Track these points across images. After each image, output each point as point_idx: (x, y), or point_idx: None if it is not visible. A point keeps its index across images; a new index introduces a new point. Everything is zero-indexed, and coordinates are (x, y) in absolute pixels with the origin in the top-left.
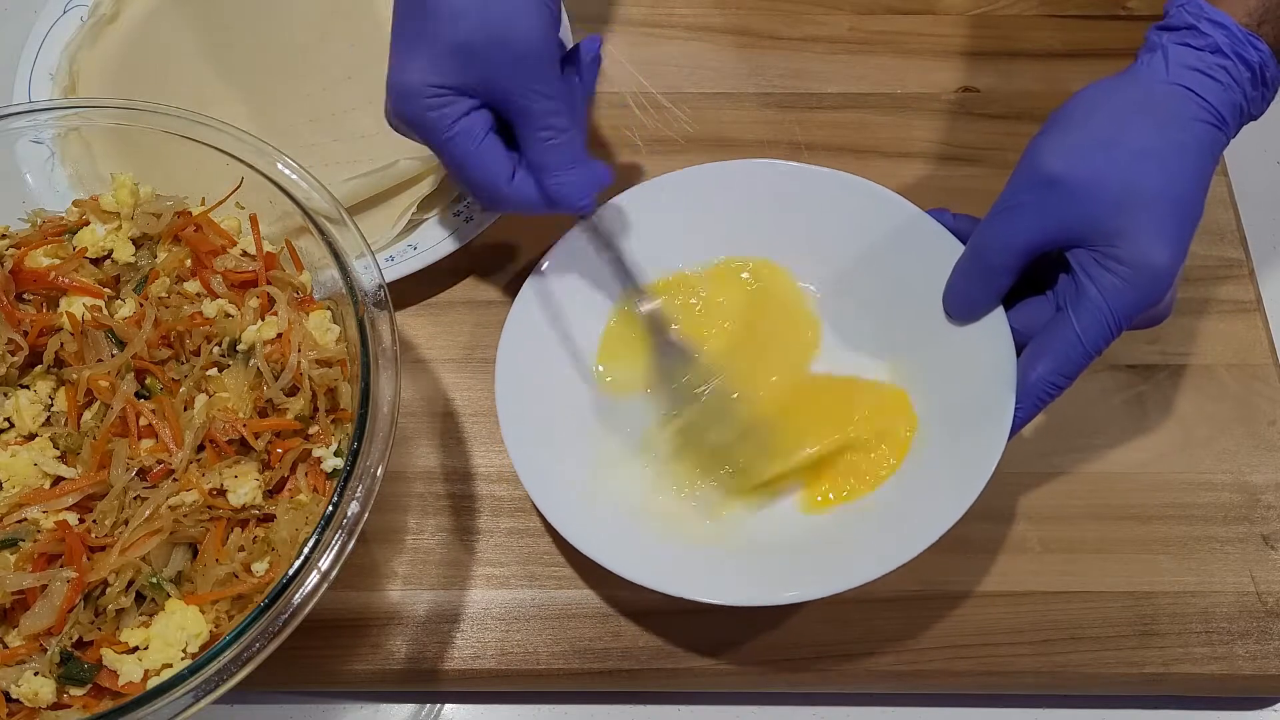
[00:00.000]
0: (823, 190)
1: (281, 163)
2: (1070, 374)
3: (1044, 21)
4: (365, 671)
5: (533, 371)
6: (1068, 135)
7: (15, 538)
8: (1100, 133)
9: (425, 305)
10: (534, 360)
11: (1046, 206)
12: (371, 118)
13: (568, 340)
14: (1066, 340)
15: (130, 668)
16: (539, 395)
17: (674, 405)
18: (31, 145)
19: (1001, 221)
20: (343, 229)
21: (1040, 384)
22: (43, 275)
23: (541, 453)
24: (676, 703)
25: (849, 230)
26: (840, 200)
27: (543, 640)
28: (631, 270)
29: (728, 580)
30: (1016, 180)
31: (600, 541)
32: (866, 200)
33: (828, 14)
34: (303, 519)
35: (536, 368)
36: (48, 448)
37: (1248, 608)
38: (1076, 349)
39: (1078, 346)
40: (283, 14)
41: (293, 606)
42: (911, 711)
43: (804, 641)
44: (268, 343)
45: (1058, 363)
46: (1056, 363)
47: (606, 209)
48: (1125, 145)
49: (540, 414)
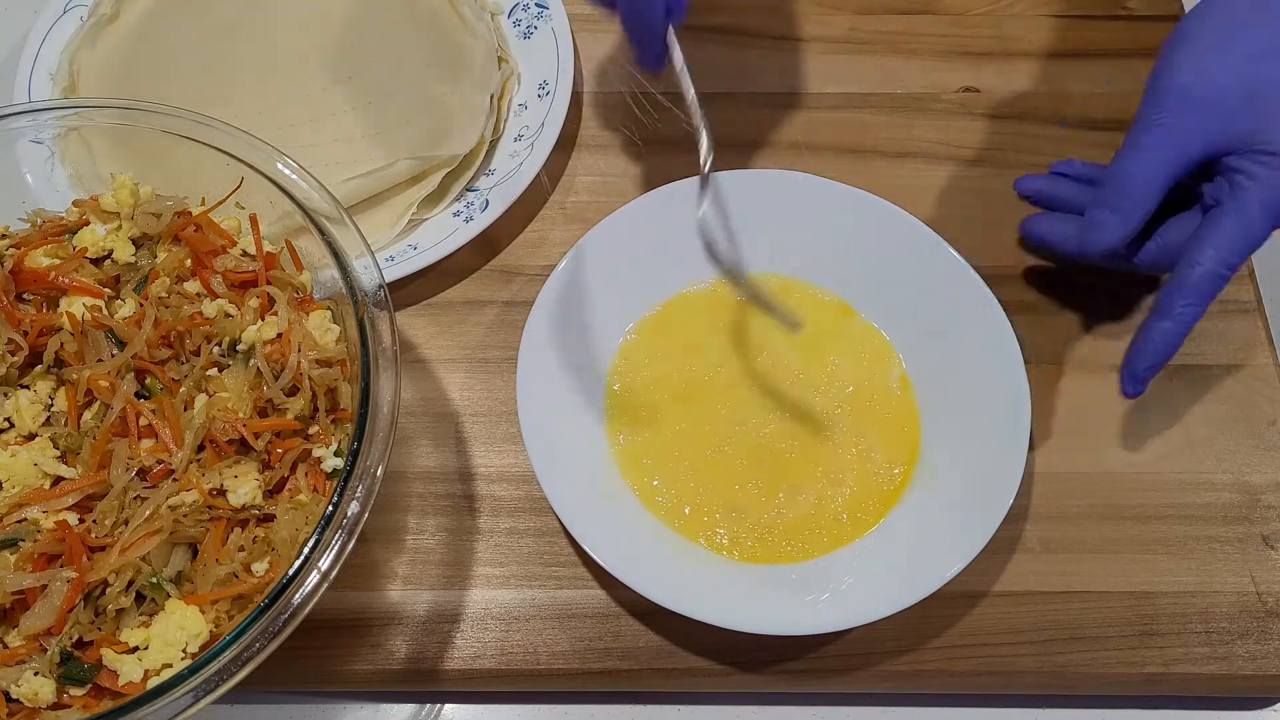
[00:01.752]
0: (832, 204)
1: (281, 163)
2: (1234, 263)
3: (1044, 21)
4: (365, 671)
5: (552, 379)
6: (1194, 46)
7: (15, 538)
8: (1226, 39)
9: (425, 305)
10: (553, 366)
11: (1186, 121)
12: (372, 118)
13: (585, 347)
14: (1230, 229)
15: (130, 668)
16: (559, 406)
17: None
18: (31, 145)
19: (1144, 145)
20: (343, 229)
21: (1207, 277)
22: (43, 275)
23: (562, 466)
24: (676, 703)
25: (861, 245)
26: (846, 213)
27: (543, 640)
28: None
29: (741, 605)
30: (1150, 102)
31: (616, 551)
32: (877, 216)
33: (828, 14)
34: (303, 519)
35: (556, 374)
36: (48, 448)
37: (1248, 608)
38: (1240, 237)
39: (1242, 234)
40: (283, 14)
41: (293, 606)
42: (912, 711)
43: (803, 642)
44: (268, 343)
45: (1223, 252)
46: (1222, 252)
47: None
48: (1250, 47)
49: (559, 428)
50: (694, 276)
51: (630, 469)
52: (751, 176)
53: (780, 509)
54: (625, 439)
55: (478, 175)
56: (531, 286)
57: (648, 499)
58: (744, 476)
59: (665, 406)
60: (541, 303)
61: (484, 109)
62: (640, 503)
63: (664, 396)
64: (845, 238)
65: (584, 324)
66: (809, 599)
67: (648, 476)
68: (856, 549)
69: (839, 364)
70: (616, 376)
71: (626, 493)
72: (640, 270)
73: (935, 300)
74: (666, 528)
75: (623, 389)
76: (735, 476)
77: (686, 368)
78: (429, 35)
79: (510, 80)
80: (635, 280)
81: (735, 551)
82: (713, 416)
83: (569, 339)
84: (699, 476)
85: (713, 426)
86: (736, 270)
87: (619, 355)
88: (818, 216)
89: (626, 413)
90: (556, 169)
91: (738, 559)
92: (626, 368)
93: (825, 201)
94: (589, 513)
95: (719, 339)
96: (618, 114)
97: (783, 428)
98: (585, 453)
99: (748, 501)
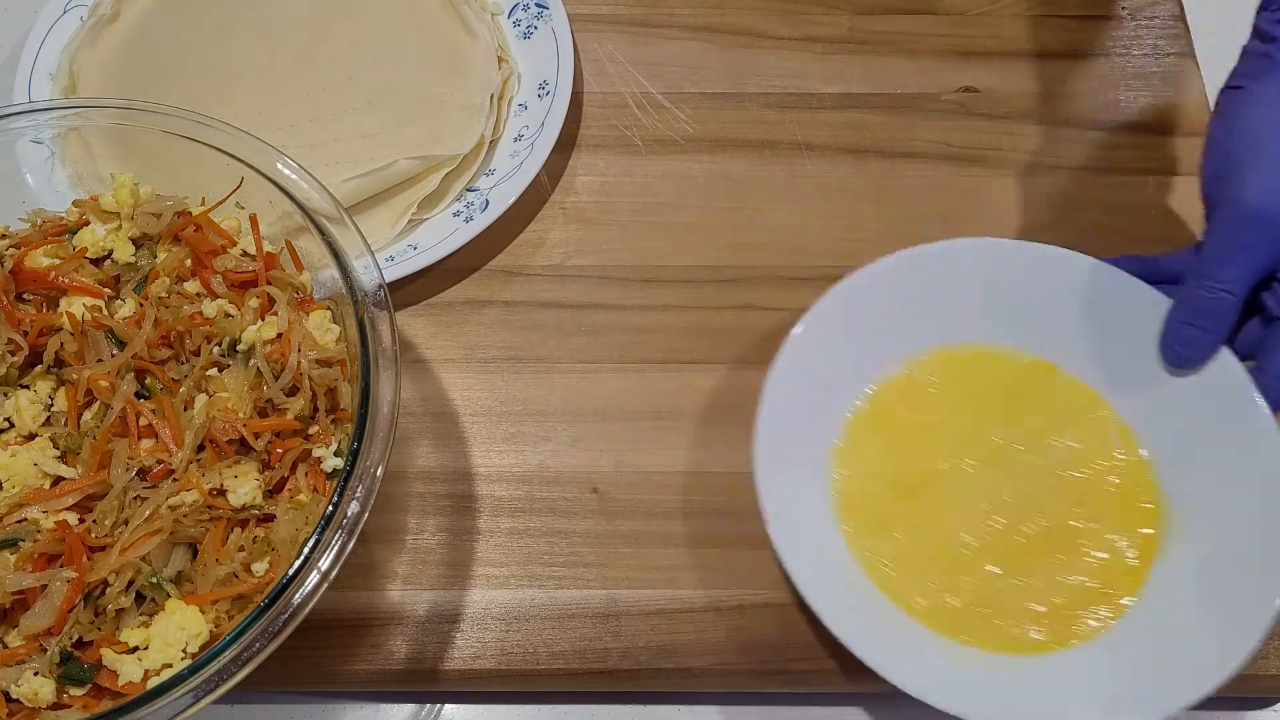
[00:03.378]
0: (1035, 269)
1: (281, 163)
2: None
3: (1044, 21)
4: (365, 671)
5: (788, 465)
6: (1262, 160)
7: (15, 538)
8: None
9: (425, 305)
10: (791, 431)
11: (1264, 244)
12: (372, 118)
13: (813, 427)
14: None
15: (130, 668)
16: (797, 494)
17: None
18: (31, 145)
19: (1231, 266)
20: (343, 229)
21: (1274, 385)
22: (43, 275)
23: (814, 565)
24: (676, 703)
25: (1069, 305)
26: (1049, 277)
27: (543, 640)
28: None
29: (996, 699)
30: (1227, 226)
31: (877, 647)
32: (1078, 275)
33: (828, 14)
34: (303, 519)
35: (792, 461)
36: (48, 448)
37: None
38: None
39: None
40: (283, 14)
41: (293, 606)
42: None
43: (804, 642)
44: (268, 343)
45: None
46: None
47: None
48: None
49: (800, 517)
50: (919, 346)
51: (867, 559)
52: (986, 248)
53: (1024, 596)
54: (855, 528)
55: (477, 175)
56: (532, 286)
57: (890, 589)
58: (985, 563)
59: (895, 493)
60: (771, 401)
61: (484, 109)
62: (879, 590)
63: (892, 485)
64: (1062, 304)
65: (812, 402)
66: (1069, 694)
67: (885, 566)
68: (1103, 643)
69: (1069, 441)
70: (844, 463)
71: (866, 582)
72: (867, 341)
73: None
74: (917, 622)
75: (850, 475)
76: (977, 563)
77: (915, 450)
78: (429, 35)
79: (510, 80)
80: (861, 353)
81: (983, 642)
82: (947, 502)
83: (799, 418)
84: (938, 566)
85: (947, 512)
86: None
87: (846, 437)
88: (1033, 285)
89: (857, 502)
90: (556, 169)
91: (985, 649)
92: (853, 451)
93: (1037, 269)
94: (840, 605)
95: (947, 416)
96: (618, 114)
97: (1019, 509)
98: (827, 548)
99: (992, 591)
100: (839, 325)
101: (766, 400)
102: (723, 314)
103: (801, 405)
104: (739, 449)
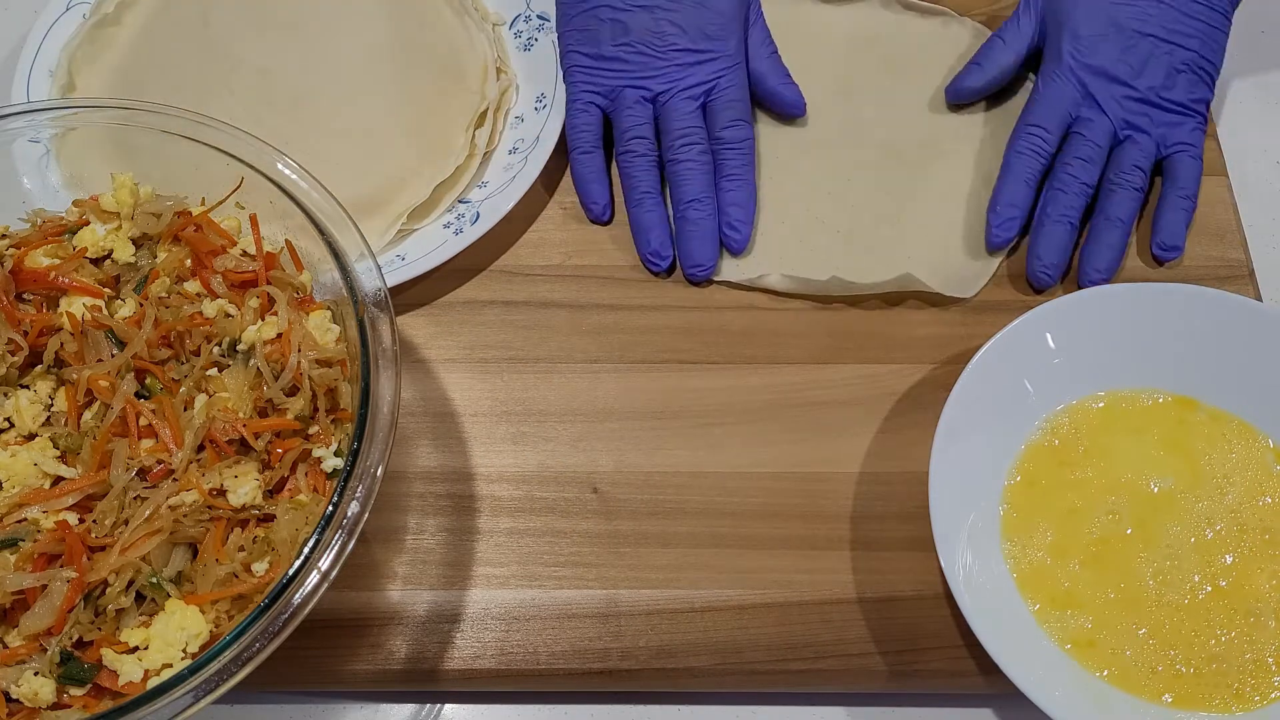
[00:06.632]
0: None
1: (281, 163)
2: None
3: None
4: (365, 671)
5: (961, 527)
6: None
7: (15, 538)
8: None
9: (426, 306)
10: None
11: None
12: (366, 124)
13: (974, 489)
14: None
15: (130, 668)
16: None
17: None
18: (29, 145)
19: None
20: (343, 229)
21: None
22: (43, 275)
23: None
24: (676, 703)
25: (1196, 338)
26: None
27: (543, 640)
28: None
29: None
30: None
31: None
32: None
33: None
34: (303, 519)
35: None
36: (48, 448)
37: None
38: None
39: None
40: (283, 15)
41: (293, 606)
42: (912, 712)
43: (804, 642)
44: (268, 343)
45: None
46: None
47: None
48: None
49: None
50: (1056, 405)
51: (1060, 635)
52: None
53: (1214, 654)
54: (1043, 605)
55: (470, 187)
56: (532, 287)
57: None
58: (1175, 623)
59: (1075, 562)
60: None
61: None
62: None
63: (1067, 554)
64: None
65: (975, 468)
66: None
67: (1088, 644)
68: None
69: (1229, 476)
70: (1010, 534)
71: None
72: (1034, 384)
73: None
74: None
75: (1022, 547)
76: (1167, 624)
77: (1080, 514)
78: (428, 43)
79: (508, 91)
80: (1027, 398)
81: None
82: (1130, 564)
83: (967, 473)
84: (1152, 634)
85: (1131, 572)
86: None
87: (1007, 507)
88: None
89: (1036, 578)
90: (557, 169)
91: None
92: (1018, 522)
93: (1148, 307)
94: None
95: (1119, 471)
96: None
97: (1199, 565)
98: (1015, 617)
99: (1182, 648)
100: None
101: (935, 475)
102: (723, 314)
103: (969, 471)
104: (739, 449)
